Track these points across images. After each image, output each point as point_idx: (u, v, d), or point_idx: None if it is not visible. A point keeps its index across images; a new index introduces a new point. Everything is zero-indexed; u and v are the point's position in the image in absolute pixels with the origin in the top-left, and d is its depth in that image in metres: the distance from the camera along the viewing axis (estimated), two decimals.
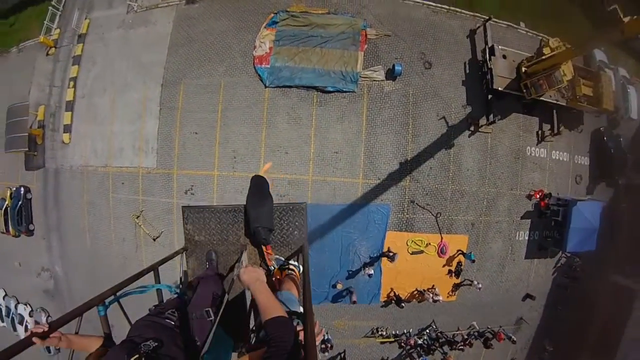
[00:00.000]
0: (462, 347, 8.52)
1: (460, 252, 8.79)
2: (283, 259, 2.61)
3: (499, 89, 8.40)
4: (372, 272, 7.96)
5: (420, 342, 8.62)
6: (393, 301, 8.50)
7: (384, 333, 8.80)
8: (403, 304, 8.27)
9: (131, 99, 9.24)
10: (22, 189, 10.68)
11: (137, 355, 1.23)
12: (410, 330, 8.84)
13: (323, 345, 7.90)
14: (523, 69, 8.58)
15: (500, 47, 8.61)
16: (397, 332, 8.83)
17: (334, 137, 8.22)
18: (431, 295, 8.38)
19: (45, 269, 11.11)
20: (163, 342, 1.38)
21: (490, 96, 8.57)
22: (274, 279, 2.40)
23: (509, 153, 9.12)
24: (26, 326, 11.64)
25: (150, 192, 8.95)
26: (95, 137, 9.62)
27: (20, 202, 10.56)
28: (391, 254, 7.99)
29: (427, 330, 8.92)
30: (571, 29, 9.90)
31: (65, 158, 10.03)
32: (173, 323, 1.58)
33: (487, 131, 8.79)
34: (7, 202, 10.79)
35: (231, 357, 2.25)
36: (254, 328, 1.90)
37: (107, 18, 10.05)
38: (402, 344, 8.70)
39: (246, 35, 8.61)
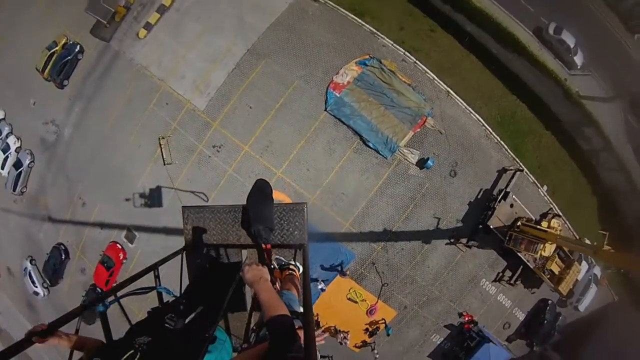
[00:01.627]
0: None
1: (383, 321, 11.38)
2: (283, 258, 2.83)
3: (491, 226, 10.82)
4: (324, 286, 10.37)
5: None
6: None
7: None
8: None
9: (216, 43, 11.10)
10: (77, 46, 12.41)
11: (132, 351, 1.33)
12: None
13: None
14: (519, 223, 11.02)
15: (514, 196, 10.98)
16: None
17: (349, 181, 10.47)
18: (342, 337, 10.97)
19: (55, 123, 13.00)
20: (159, 339, 1.47)
21: (480, 226, 10.99)
22: (274, 278, 2.54)
23: (467, 274, 11.65)
24: (7, 157, 13.54)
25: (185, 126, 10.98)
26: (167, 51, 11.45)
27: (69, 57, 12.31)
28: (345, 270, 10.36)
29: None
30: (580, 216, 12.39)
31: (132, 49, 11.82)
32: (172, 327, 1.69)
33: (462, 249, 11.26)
34: (57, 48, 12.51)
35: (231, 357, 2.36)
36: (254, 327, 2.08)
37: None
38: None
39: (337, 58, 10.59)
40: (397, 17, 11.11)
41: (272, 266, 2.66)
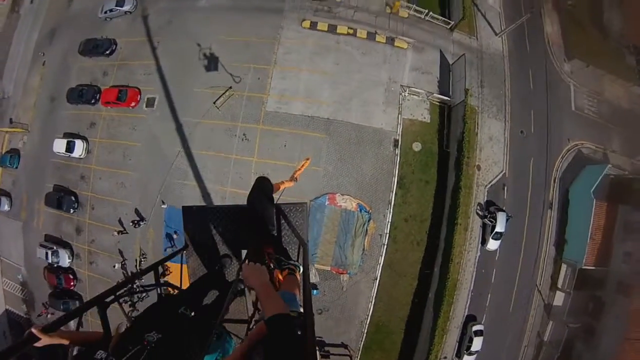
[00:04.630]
0: None
1: None
2: (283, 258, 3.21)
3: None
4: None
5: None
6: None
7: None
8: None
9: (323, 90, 15.60)
10: None
11: (139, 347, 1.50)
12: None
13: None
14: None
15: None
16: None
17: None
18: None
19: None
20: (168, 334, 1.66)
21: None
22: (274, 278, 2.82)
23: None
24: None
25: (248, 103, 15.67)
26: (300, 54, 15.90)
27: None
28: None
29: None
30: None
31: (288, 24, 16.23)
32: (185, 320, 2.02)
33: None
34: None
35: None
36: (253, 327, 2.39)
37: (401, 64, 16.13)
38: None
39: (354, 187, 15.28)
40: (415, 209, 15.77)
41: (272, 266, 2.98)
